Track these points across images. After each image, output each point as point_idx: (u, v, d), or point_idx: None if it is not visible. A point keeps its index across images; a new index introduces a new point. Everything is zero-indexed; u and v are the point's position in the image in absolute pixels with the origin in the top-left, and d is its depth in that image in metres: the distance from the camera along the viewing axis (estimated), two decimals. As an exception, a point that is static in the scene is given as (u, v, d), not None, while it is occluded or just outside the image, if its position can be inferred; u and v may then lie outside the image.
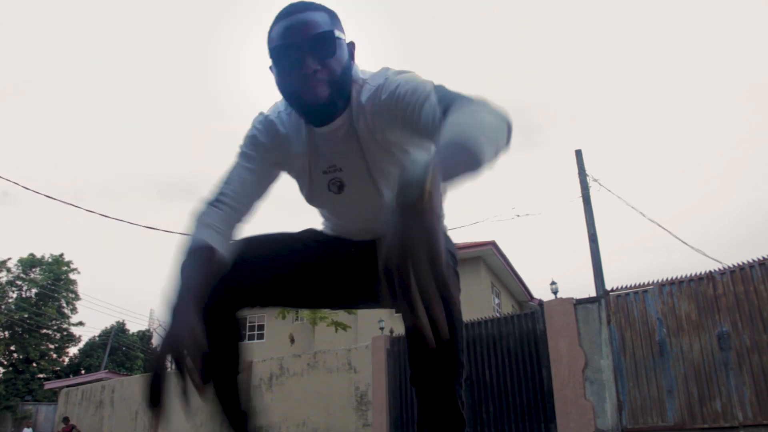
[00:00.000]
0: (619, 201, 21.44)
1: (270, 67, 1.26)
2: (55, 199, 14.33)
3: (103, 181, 56.02)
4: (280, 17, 1.24)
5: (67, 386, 15.93)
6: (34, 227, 50.61)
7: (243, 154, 1.36)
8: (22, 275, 29.77)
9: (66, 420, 12.71)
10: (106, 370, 24.06)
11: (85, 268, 58.36)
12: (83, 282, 49.37)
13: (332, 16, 1.26)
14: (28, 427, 20.88)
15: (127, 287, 56.48)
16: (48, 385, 23.44)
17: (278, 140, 1.36)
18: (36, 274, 30.05)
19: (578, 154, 10.76)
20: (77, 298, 31.00)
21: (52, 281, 29.78)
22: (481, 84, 67.49)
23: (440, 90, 1.10)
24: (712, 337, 6.85)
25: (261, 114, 1.39)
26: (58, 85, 56.10)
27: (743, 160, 47.85)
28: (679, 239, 17.05)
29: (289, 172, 1.41)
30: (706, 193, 52.93)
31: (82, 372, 29.36)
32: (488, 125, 0.93)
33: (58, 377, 28.09)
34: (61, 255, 30.87)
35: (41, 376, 29.20)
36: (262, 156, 1.35)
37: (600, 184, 10.60)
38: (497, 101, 1.04)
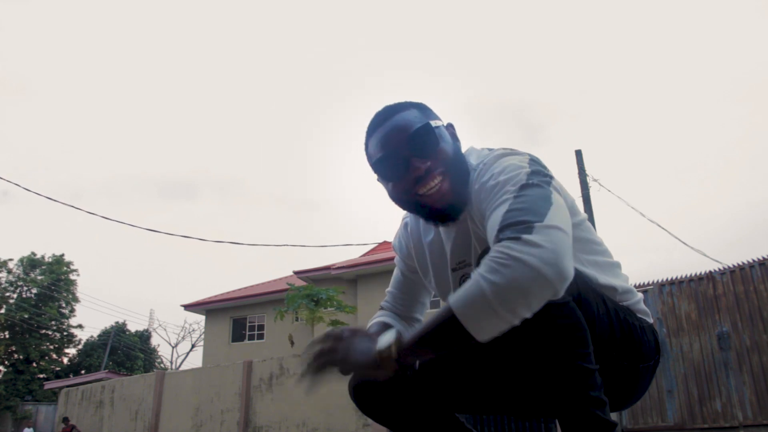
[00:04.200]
0: (619, 201, 21.47)
1: (378, 180, 1.21)
2: (55, 200, 14.37)
3: (103, 180, 56.07)
4: (372, 129, 1.19)
5: (67, 386, 15.91)
6: (34, 227, 50.68)
7: (397, 261, 1.41)
8: (22, 276, 29.73)
9: (66, 420, 12.69)
10: (106, 370, 24.05)
11: (85, 268, 58.48)
12: (83, 282, 49.46)
13: (422, 108, 1.21)
14: (28, 427, 20.88)
15: (127, 287, 56.47)
16: (48, 385, 23.41)
17: (415, 245, 1.34)
18: (37, 274, 30.00)
19: (578, 154, 10.75)
20: (76, 300, 30.97)
21: (53, 281, 29.76)
22: (481, 83, 67.68)
23: (523, 192, 0.99)
24: (712, 337, 6.85)
25: (403, 219, 1.39)
26: (58, 84, 56.14)
27: (742, 160, 47.89)
28: (679, 239, 17.06)
29: (424, 277, 1.36)
30: (706, 193, 52.96)
31: (82, 372, 29.33)
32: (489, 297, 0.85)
33: (58, 377, 28.06)
34: (62, 255, 30.88)
35: (41, 376, 29.17)
36: (405, 263, 1.39)
37: (600, 184, 10.61)
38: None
